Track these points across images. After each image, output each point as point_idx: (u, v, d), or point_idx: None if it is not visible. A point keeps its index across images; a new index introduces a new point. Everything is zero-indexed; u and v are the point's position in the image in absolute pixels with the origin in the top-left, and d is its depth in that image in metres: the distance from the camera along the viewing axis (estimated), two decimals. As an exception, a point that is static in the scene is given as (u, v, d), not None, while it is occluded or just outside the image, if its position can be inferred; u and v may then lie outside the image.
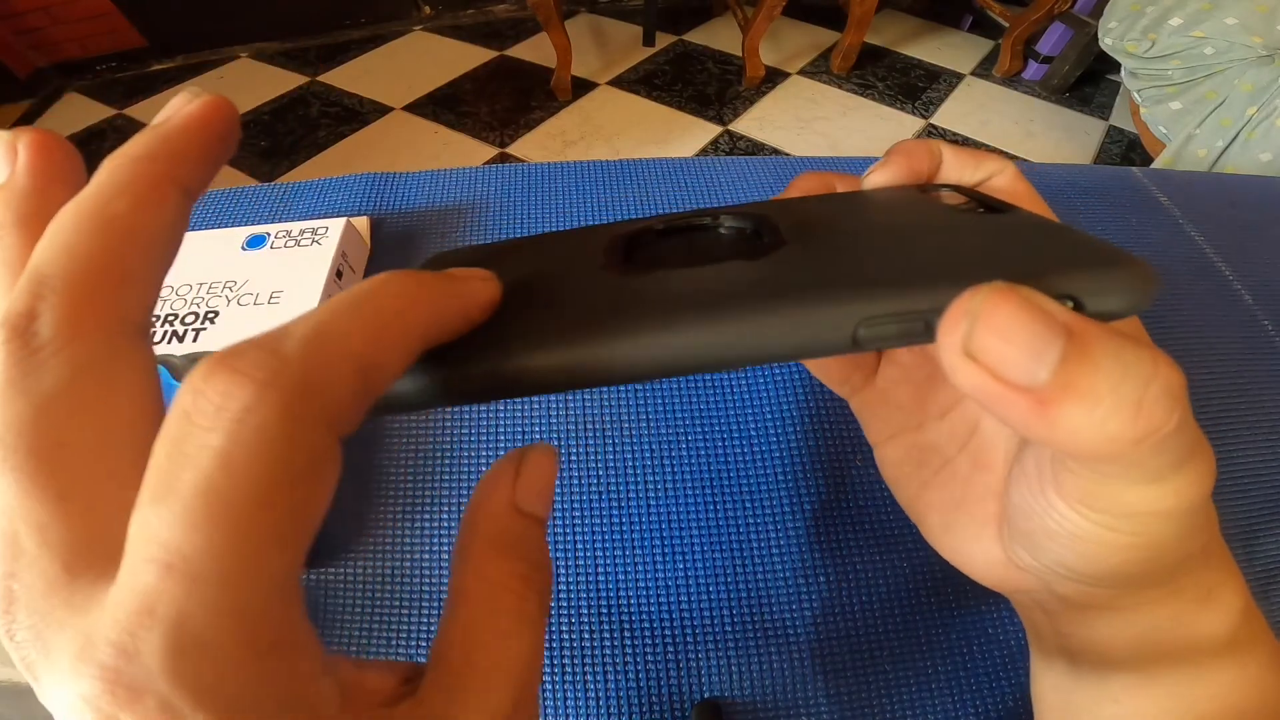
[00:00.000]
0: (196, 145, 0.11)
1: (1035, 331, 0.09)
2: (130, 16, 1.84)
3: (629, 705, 0.28)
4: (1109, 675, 0.15)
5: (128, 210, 0.09)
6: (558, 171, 0.46)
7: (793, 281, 0.11)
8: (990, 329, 0.09)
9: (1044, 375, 0.09)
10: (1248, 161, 1.11)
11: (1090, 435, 0.09)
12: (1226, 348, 0.37)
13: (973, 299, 0.09)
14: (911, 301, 0.10)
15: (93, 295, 0.09)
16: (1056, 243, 0.12)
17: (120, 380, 0.09)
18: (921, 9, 1.99)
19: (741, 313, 0.10)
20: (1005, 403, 0.09)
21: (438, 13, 2.06)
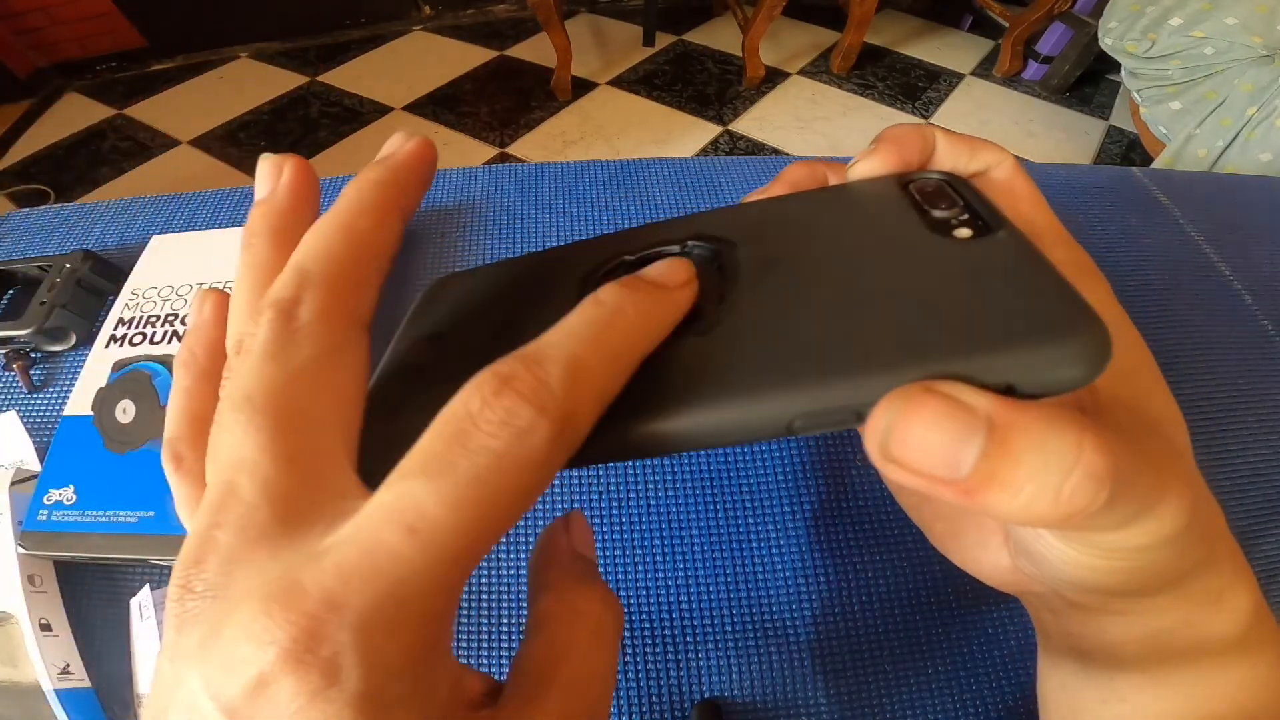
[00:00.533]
0: (414, 177, 0.13)
1: (953, 432, 0.09)
2: (130, 16, 1.84)
3: (629, 705, 0.28)
4: (1117, 675, 0.15)
5: (369, 227, 0.12)
6: (558, 171, 0.46)
7: (731, 374, 0.11)
8: (906, 435, 0.10)
9: (965, 470, 0.09)
10: (1248, 161, 1.11)
11: (1019, 516, 0.10)
12: (1226, 348, 0.37)
13: (890, 405, 0.10)
14: (840, 399, 0.10)
15: (343, 292, 0.11)
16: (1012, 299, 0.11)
17: (353, 363, 0.11)
18: (921, 9, 1.99)
19: (692, 412, 0.11)
20: (935, 490, 0.10)
21: (438, 13, 2.06)
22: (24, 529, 0.29)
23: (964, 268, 0.12)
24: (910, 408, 0.09)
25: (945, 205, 0.14)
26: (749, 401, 0.11)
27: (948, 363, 0.10)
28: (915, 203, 0.15)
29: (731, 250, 0.14)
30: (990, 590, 0.30)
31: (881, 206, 0.15)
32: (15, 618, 0.28)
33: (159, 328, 0.34)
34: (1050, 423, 0.09)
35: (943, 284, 0.12)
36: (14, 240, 0.45)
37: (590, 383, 0.10)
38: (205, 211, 0.45)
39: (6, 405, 0.36)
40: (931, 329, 0.11)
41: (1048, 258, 0.12)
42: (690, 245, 0.15)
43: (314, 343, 0.10)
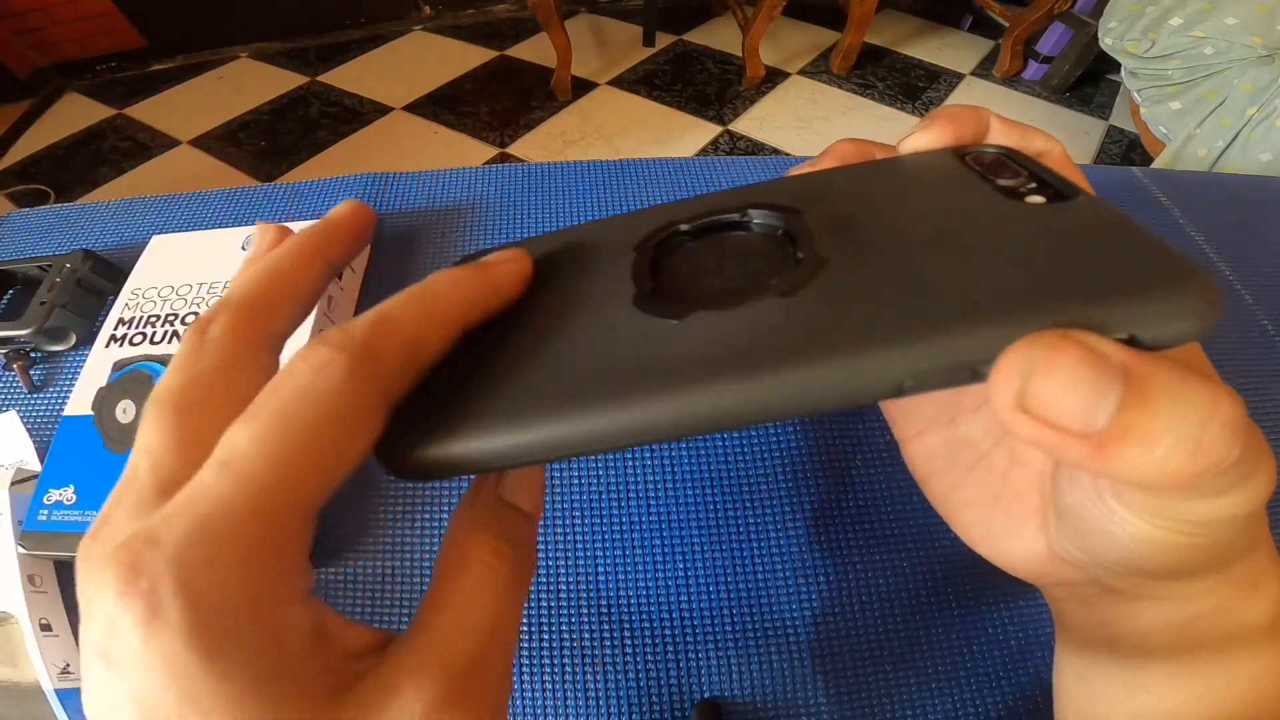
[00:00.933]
0: (344, 232, 0.15)
1: (1091, 381, 0.09)
2: (130, 16, 1.84)
3: (629, 705, 0.28)
4: (1145, 665, 0.15)
5: (288, 268, 0.13)
6: (558, 171, 0.46)
7: (831, 333, 0.10)
8: (1046, 383, 0.09)
9: (1101, 421, 0.09)
10: (1248, 161, 1.11)
11: (1150, 473, 0.09)
12: (1226, 347, 0.37)
13: (1028, 353, 0.09)
14: (959, 353, 0.10)
15: (251, 315, 0.13)
16: (1114, 254, 0.10)
17: (249, 373, 0.12)
18: (921, 9, 1.99)
19: (784, 372, 0.10)
20: (1063, 447, 0.09)
21: (438, 13, 2.06)
22: (24, 529, 0.29)
23: (1054, 228, 0.12)
24: (1052, 354, 0.09)
25: (1010, 175, 0.14)
26: (858, 358, 0.10)
27: (1073, 312, 0.09)
28: (978, 173, 0.14)
29: (797, 218, 0.14)
30: (990, 591, 0.30)
31: (944, 175, 0.14)
32: (15, 618, 0.28)
33: (159, 328, 0.34)
34: (1184, 374, 0.09)
35: (1038, 241, 0.11)
36: (14, 240, 0.45)
37: (395, 330, 0.12)
38: (205, 211, 0.45)
39: (6, 405, 0.36)
40: (1045, 282, 0.10)
41: (1134, 219, 0.11)
42: (750, 214, 0.14)
43: (216, 353, 0.12)
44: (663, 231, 0.15)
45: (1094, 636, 0.16)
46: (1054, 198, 0.12)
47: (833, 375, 0.10)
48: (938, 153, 0.15)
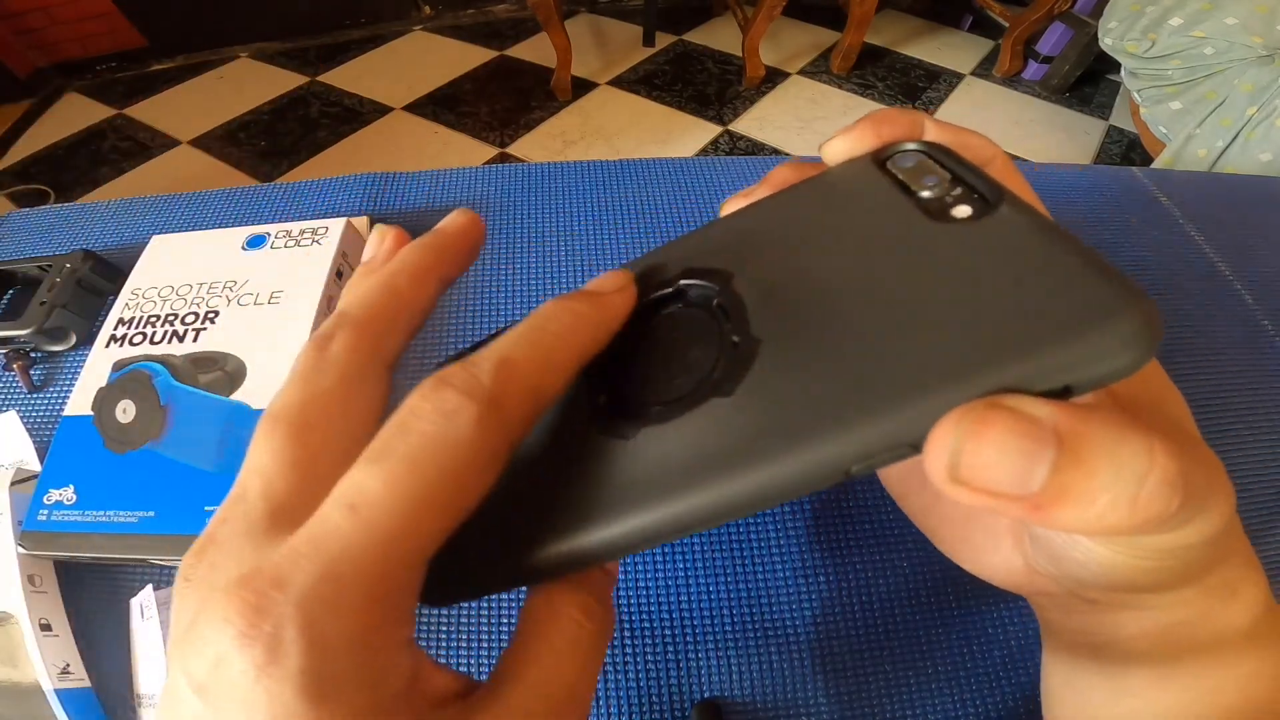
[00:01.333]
0: (458, 249, 0.15)
1: (1020, 449, 0.09)
2: (130, 16, 1.84)
3: (629, 705, 0.28)
4: (1129, 670, 0.15)
5: (406, 285, 0.13)
6: (558, 171, 0.46)
7: (772, 435, 0.11)
8: (975, 457, 0.09)
9: (1036, 484, 0.09)
10: (1248, 161, 1.11)
11: (1090, 527, 0.09)
12: (1226, 348, 0.37)
13: (955, 429, 0.09)
14: (896, 434, 0.10)
15: (371, 333, 0.12)
16: (1041, 285, 0.10)
17: (367, 393, 0.12)
18: (921, 9, 1.99)
19: (733, 481, 0.11)
20: (1002, 508, 0.09)
21: (438, 13, 2.06)
22: (24, 529, 0.29)
23: (976, 256, 0.11)
24: (978, 428, 0.09)
25: (932, 182, 0.13)
26: (802, 456, 0.10)
27: (1000, 373, 0.09)
28: (900, 183, 0.14)
29: (727, 285, 0.14)
30: (990, 591, 0.30)
31: (866, 194, 0.14)
32: (15, 618, 0.28)
33: (159, 328, 0.34)
34: (1119, 429, 0.09)
35: (960, 280, 0.11)
36: (14, 240, 0.45)
37: (519, 376, 0.11)
38: (205, 211, 0.45)
39: (6, 405, 0.36)
40: (969, 338, 0.10)
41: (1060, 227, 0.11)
42: (685, 286, 0.15)
43: (337, 371, 0.12)
44: None
45: (1078, 643, 0.17)
46: (980, 206, 0.12)
47: (780, 474, 0.10)
48: (860, 163, 0.15)
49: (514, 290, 0.40)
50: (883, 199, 0.14)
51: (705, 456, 0.11)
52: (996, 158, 0.15)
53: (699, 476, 0.11)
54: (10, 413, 0.35)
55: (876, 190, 0.14)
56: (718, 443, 0.11)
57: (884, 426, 0.10)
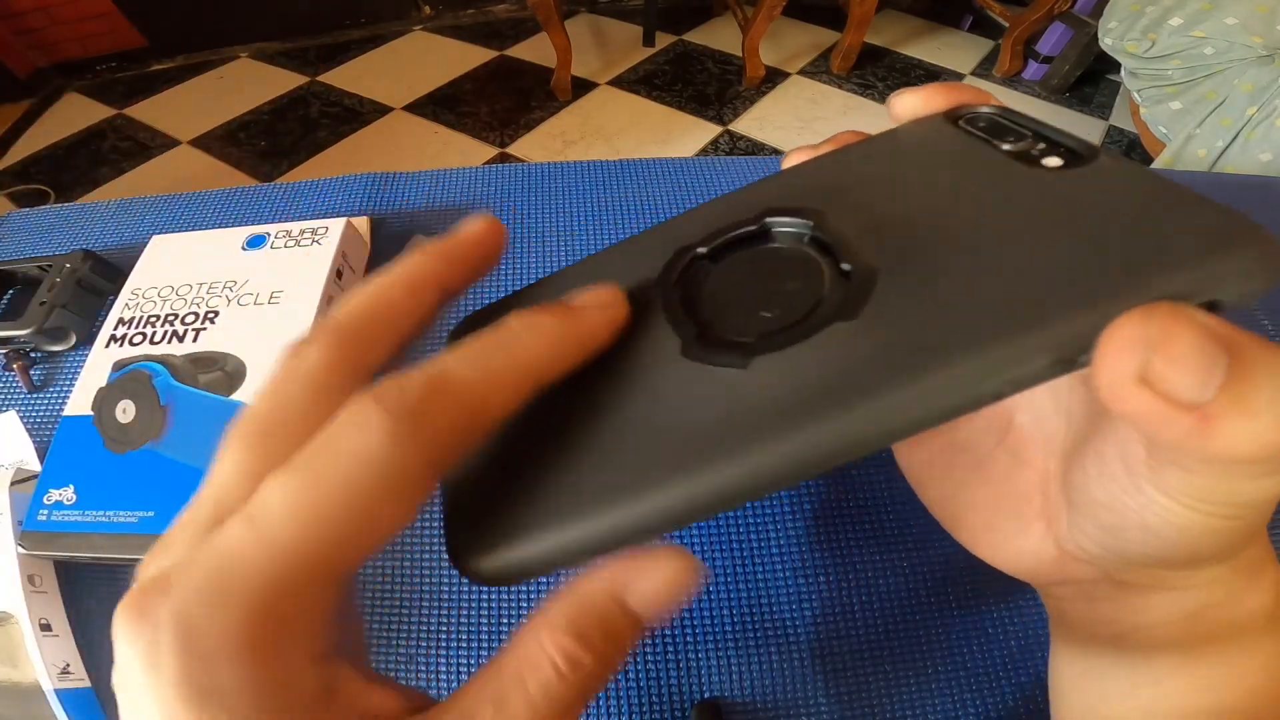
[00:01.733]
0: (465, 256, 0.14)
1: (1210, 355, 0.09)
2: (130, 16, 1.84)
3: (629, 705, 0.28)
4: (1151, 657, 0.15)
5: (399, 295, 0.13)
6: (558, 171, 0.46)
7: (918, 351, 0.10)
8: (1168, 359, 0.09)
9: (1209, 394, 0.09)
10: (1248, 161, 1.11)
11: (1247, 447, 0.09)
12: (1226, 348, 0.37)
13: (1144, 328, 0.09)
14: (1060, 345, 0.09)
15: (351, 344, 0.12)
16: (1168, 216, 0.10)
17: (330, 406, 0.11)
18: (921, 9, 1.99)
19: (881, 400, 0.10)
20: (1168, 423, 0.09)
21: (438, 13, 2.06)
22: (24, 529, 0.29)
23: (1092, 194, 0.11)
24: (1172, 326, 0.09)
25: (1014, 138, 0.13)
26: (954, 371, 0.09)
27: (1161, 284, 0.09)
28: (981, 138, 0.13)
29: (822, 221, 0.13)
30: (990, 590, 0.30)
31: (949, 145, 0.13)
32: (15, 618, 0.28)
33: (159, 328, 0.34)
34: (1271, 345, 0.09)
35: (1080, 213, 0.11)
36: (14, 240, 0.45)
37: (454, 393, 0.10)
38: (205, 211, 0.45)
39: (6, 405, 0.36)
40: (1119, 255, 0.10)
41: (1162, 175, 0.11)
42: (770, 224, 0.13)
43: (306, 381, 0.11)
44: (681, 259, 0.14)
45: (1097, 633, 0.16)
46: (1071, 159, 0.12)
47: (932, 393, 0.09)
48: (930, 121, 0.14)
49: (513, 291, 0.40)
50: (968, 149, 0.13)
51: (849, 376, 0.10)
52: None
53: (846, 397, 0.10)
54: (10, 413, 0.35)
55: (958, 142, 0.13)
56: (859, 362, 0.10)
57: (1050, 336, 0.09)
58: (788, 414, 0.10)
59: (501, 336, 0.11)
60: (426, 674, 0.28)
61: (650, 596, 0.11)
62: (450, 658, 0.29)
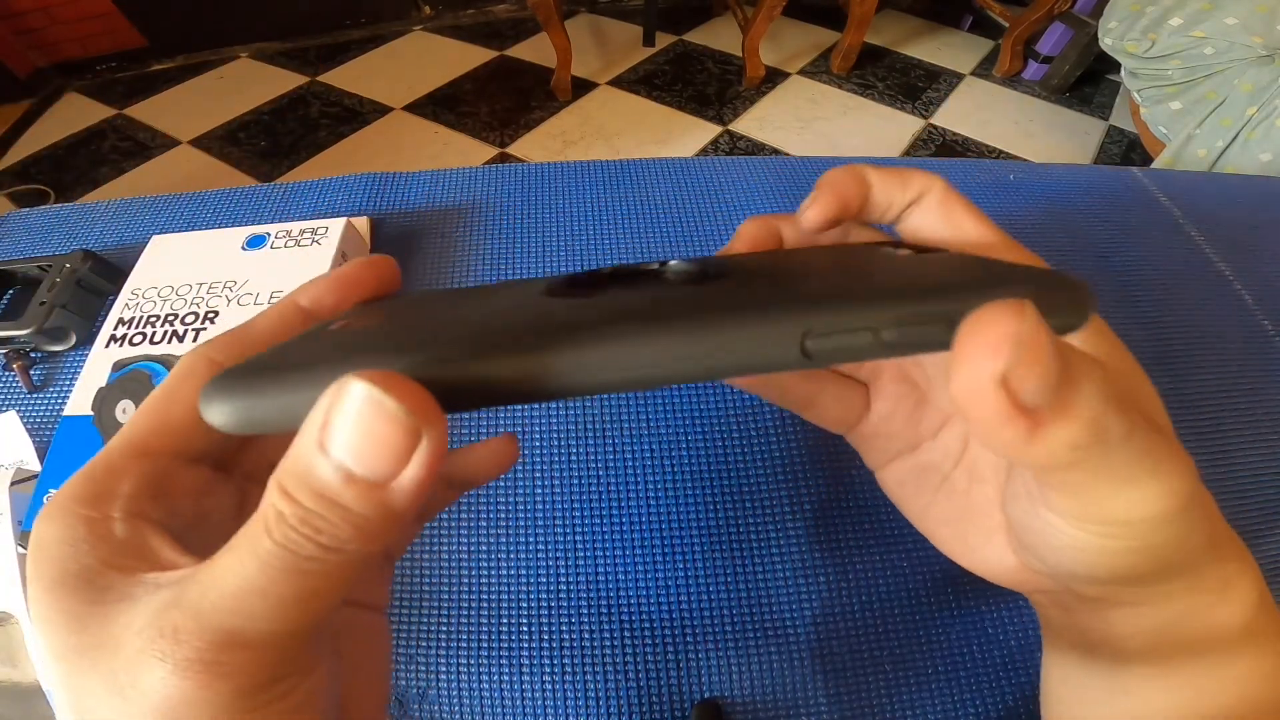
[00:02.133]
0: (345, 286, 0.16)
1: (1057, 359, 0.09)
2: (130, 16, 1.84)
3: (629, 705, 0.28)
4: (1124, 668, 0.15)
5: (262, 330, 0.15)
6: (558, 171, 0.46)
7: (749, 296, 0.10)
8: (1031, 360, 0.09)
9: (1045, 399, 0.09)
10: (1248, 161, 1.11)
11: (1063, 453, 0.10)
12: (1226, 348, 0.37)
13: (1019, 323, 0.09)
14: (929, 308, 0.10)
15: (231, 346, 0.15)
16: (1006, 269, 0.12)
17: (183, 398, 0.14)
18: (921, 9, 1.99)
19: (699, 318, 0.10)
20: (1005, 425, 0.09)
21: (438, 13, 2.06)
22: (24, 529, 0.29)
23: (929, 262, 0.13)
24: (1039, 327, 0.09)
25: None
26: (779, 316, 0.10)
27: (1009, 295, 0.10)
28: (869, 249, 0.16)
29: (717, 263, 0.15)
30: (990, 590, 0.30)
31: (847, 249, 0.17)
32: (15, 618, 0.28)
33: (159, 328, 0.34)
34: (1090, 355, 0.10)
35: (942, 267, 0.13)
36: (14, 240, 0.45)
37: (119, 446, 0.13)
38: (205, 211, 0.45)
39: (6, 405, 0.36)
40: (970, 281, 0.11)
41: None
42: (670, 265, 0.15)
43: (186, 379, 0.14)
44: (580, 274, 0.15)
45: (1075, 641, 0.17)
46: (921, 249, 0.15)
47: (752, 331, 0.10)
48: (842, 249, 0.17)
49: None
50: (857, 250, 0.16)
51: (667, 303, 0.10)
52: (934, 187, 0.16)
53: (659, 315, 0.10)
54: (10, 413, 0.35)
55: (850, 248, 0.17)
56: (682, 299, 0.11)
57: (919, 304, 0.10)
58: (599, 319, 0.10)
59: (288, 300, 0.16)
60: (426, 675, 0.28)
61: (342, 436, 0.09)
62: (450, 659, 0.29)
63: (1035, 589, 0.16)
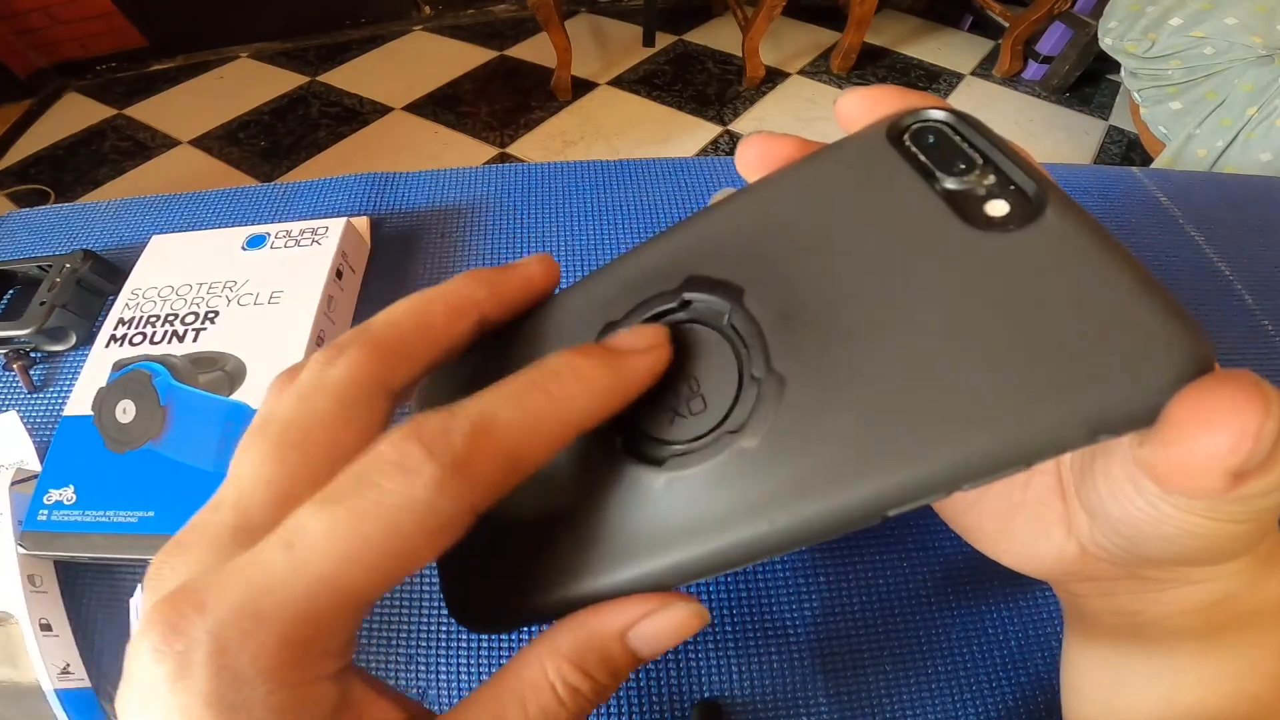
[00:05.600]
0: (511, 289, 0.14)
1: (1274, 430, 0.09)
2: (130, 16, 1.84)
3: (629, 705, 0.28)
4: (1173, 647, 0.15)
5: (439, 314, 0.13)
6: (558, 171, 0.46)
7: (805, 480, 0.11)
8: (1258, 439, 0.09)
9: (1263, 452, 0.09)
10: (1248, 161, 1.11)
11: (1262, 495, 0.10)
12: (1226, 348, 0.37)
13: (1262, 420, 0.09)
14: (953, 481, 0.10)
15: (383, 358, 0.12)
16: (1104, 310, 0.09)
17: (360, 423, 0.12)
18: (921, 9, 1.99)
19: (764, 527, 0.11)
20: (1205, 482, 0.09)
21: (438, 13, 2.06)
22: (24, 529, 0.29)
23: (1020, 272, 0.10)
24: (1270, 406, 0.09)
25: (960, 166, 0.11)
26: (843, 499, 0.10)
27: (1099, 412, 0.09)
28: (922, 166, 0.12)
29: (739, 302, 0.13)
30: (990, 591, 0.30)
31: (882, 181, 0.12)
32: (15, 618, 0.28)
33: (159, 328, 0.34)
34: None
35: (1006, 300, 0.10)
36: (14, 240, 0.45)
37: (499, 439, 0.11)
38: (205, 211, 0.45)
39: (6, 405, 0.36)
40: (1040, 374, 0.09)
41: (1111, 238, 0.10)
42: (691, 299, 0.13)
43: (334, 393, 0.11)
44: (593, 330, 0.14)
45: (1117, 625, 0.16)
46: (1017, 203, 0.11)
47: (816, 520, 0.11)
48: (873, 138, 0.13)
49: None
50: (903, 189, 0.12)
51: (730, 512, 0.11)
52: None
53: (723, 529, 0.11)
54: (10, 413, 0.35)
55: (894, 177, 0.12)
56: (742, 497, 0.11)
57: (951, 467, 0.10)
58: (674, 539, 0.12)
59: (545, 379, 0.11)
60: (426, 675, 0.28)
61: (652, 638, 0.12)
62: (450, 659, 0.29)
63: (1088, 576, 0.16)
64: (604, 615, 0.12)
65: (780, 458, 0.11)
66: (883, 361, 0.11)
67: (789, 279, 0.12)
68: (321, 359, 0.12)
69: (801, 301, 0.12)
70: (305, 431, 0.11)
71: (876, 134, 0.13)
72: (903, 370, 0.10)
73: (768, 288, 0.13)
